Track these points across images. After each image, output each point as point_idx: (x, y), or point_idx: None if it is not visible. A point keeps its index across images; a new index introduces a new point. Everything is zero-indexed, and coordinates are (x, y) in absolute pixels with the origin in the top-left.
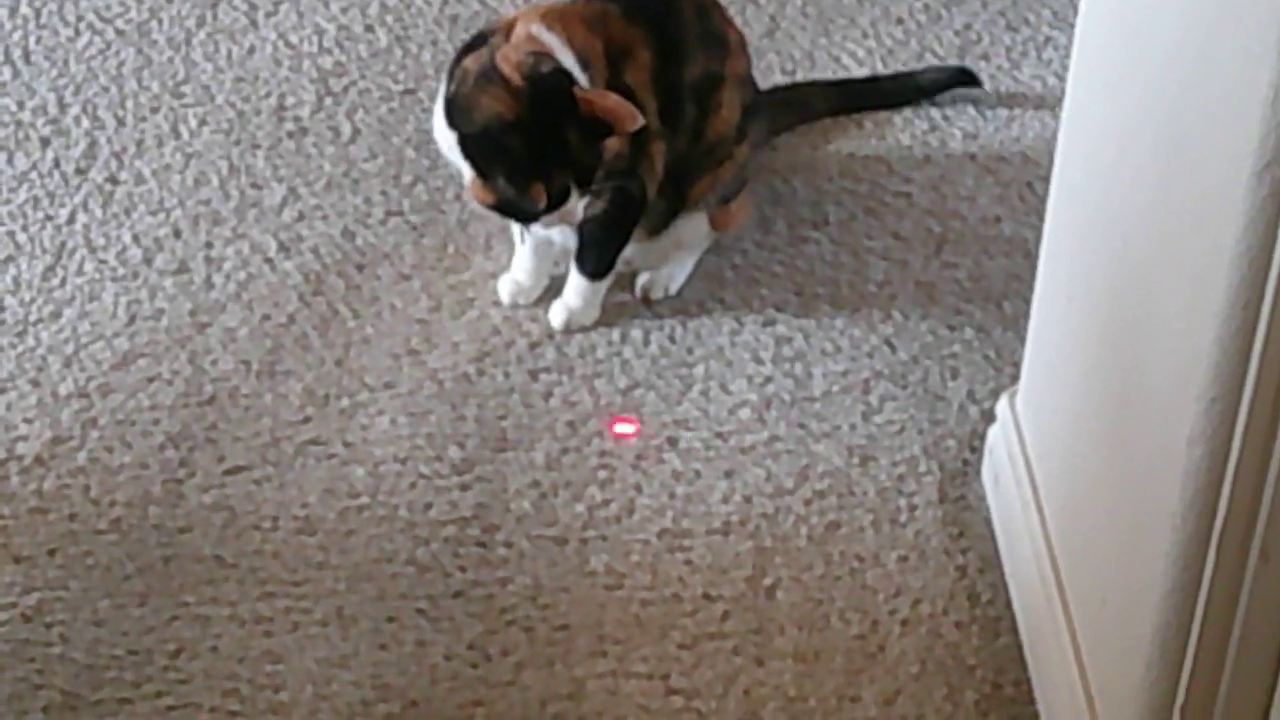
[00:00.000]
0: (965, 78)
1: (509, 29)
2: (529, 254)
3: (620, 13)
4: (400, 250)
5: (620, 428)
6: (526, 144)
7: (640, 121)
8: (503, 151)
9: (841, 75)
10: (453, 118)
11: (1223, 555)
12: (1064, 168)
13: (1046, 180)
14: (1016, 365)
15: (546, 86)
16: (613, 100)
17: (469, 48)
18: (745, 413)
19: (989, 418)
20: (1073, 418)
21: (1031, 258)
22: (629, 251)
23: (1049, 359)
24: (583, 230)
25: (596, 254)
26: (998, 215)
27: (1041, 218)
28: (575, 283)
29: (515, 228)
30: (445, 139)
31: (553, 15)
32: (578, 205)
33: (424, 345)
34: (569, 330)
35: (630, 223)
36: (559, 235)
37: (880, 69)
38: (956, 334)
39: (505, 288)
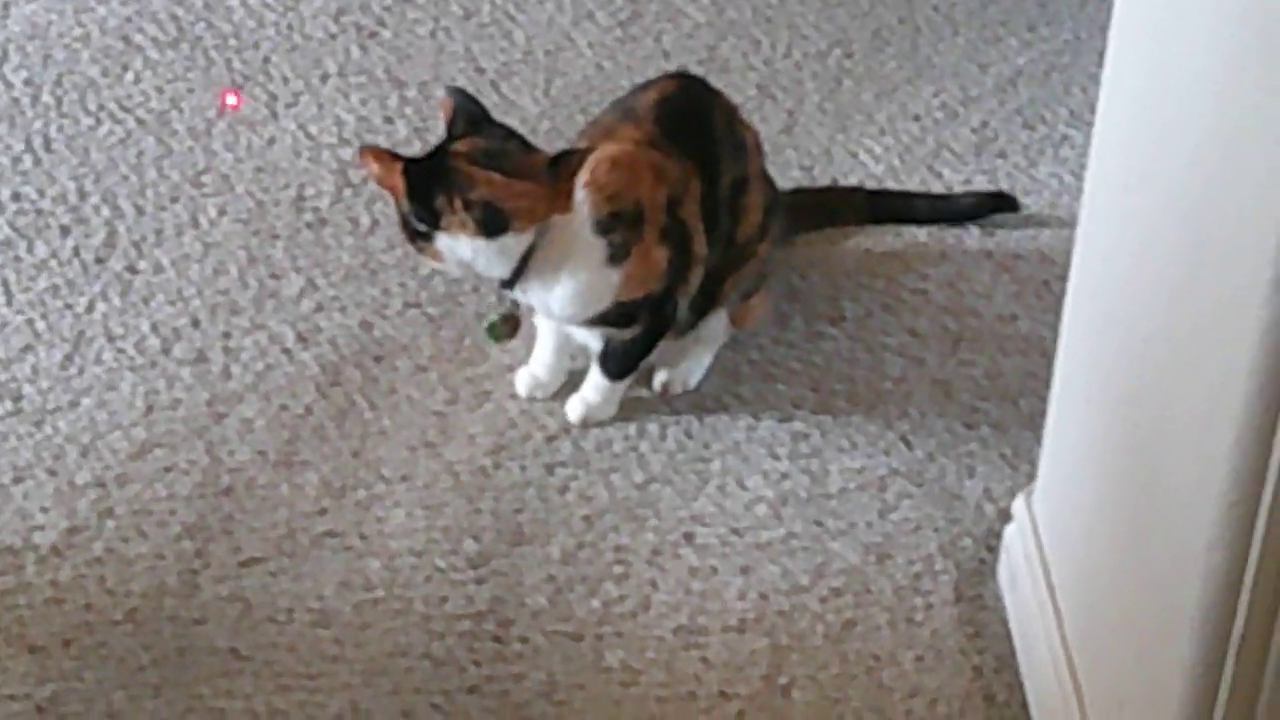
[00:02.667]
0: (1004, 203)
1: (582, 158)
2: (548, 348)
3: (680, 152)
4: (418, 342)
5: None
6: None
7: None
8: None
9: (859, 172)
10: None
11: (1241, 661)
12: (1082, 268)
13: (1063, 279)
14: (1033, 464)
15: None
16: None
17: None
18: (761, 509)
19: (1005, 517)
20: (1090, 519)
21: (1048, 356)
22: None
23: (1066, 460)
24: (608, 337)
25: (620, 359)
26: (1014, 313)
27: (1058, 316)
28: (595, 380)
29: (539, 323)
30: None
31: (623, 164)
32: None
33: (440, 438)
34: (586, 425)
35: (659, 337)
36: (580, 333)
37: (897, 164)
38: (973, 432)
39: (523, 381)
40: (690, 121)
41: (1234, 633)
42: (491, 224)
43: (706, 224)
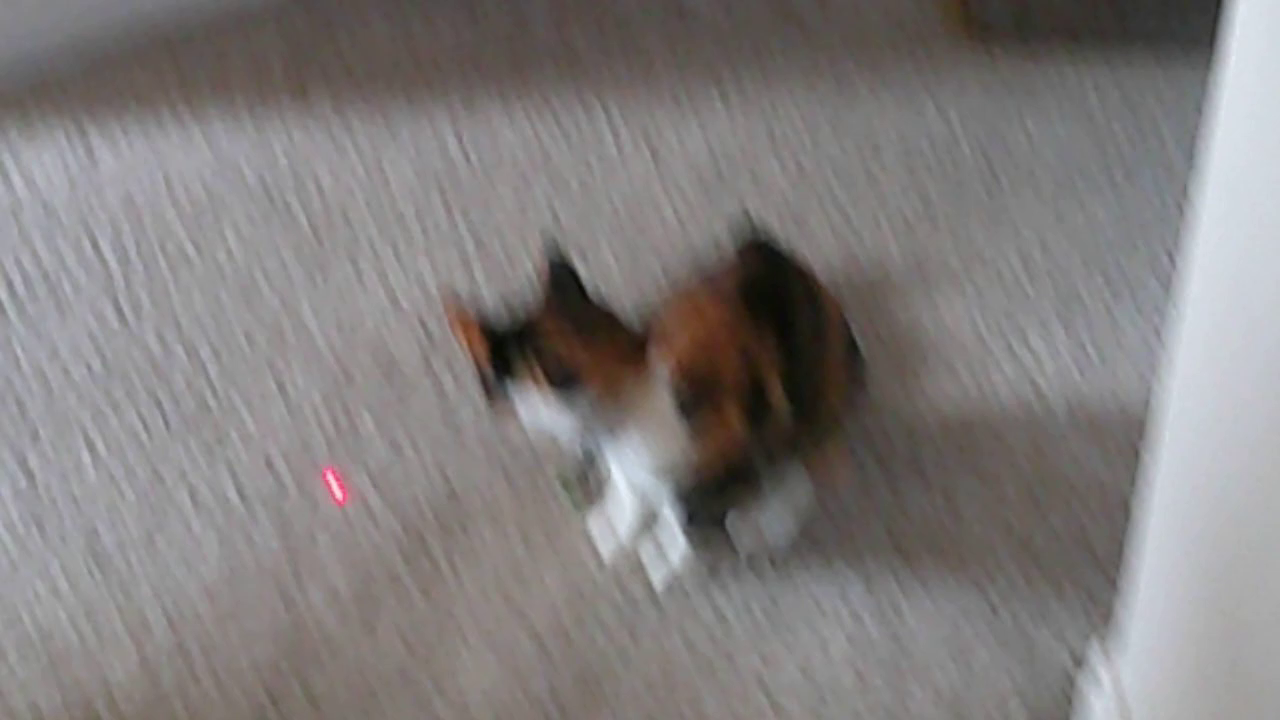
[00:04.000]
0: None
1: (661, 327)
2: (631, 511)
3: (760, 323)
4: (499, 500)
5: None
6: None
7: None
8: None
9: (940, 327)
10: None
11: None
12: (1170, 439)
13: (1145, 435)
14: (1109, 611)
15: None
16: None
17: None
18: (841, 666)
19: (1081, 664)
20: (1178, 686)
21: (1128, 510)
22: None
23: (1152, 620)
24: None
25: (702, 525)
26: (1096, 468)
27: (1138, 472)
28: (677, 543)
29: (621, 488)
30: None
31: (703, 342)
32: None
33: (523, 596)
34: (669, 587)
35: (740, 502)
36: (661, 499)
37: (978, 319)
38: (1049, 581)
39: (605, 544)
40: (770, 293)
41: None
42: (560, 376)
43: (787, 391)
